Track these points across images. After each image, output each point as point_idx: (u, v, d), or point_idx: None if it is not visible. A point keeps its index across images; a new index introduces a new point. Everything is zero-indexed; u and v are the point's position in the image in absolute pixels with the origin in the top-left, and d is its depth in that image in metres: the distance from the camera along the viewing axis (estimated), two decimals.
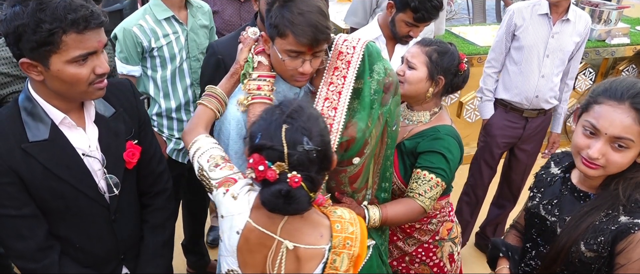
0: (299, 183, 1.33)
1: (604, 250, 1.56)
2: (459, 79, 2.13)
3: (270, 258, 1.50)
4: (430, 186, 2.00)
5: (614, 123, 1.50)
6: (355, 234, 1.53)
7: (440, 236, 2.28)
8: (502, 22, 3.38)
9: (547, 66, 3.25)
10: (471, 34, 5.01)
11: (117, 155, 1.74)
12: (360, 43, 1.87)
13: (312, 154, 1.35)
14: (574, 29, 3.22)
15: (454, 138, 2.06)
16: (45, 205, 1.64)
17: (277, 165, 1.33)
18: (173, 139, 2.90)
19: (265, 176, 1.33)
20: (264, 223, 1.50)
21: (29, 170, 1.57)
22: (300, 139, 1.35)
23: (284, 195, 1.33)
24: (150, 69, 2.75)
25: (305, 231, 1.50)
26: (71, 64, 1.48)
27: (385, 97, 1.86)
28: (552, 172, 1.83)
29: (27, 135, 1.57)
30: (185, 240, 3.42)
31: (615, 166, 1.55)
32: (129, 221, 1.86)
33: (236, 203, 1.53)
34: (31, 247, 1.63)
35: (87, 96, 1.60)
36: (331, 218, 1.54)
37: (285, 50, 1.73)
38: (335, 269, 1.50)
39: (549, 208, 1.75)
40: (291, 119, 1.38)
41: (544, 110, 3.38)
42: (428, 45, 2.11)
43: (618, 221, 1.55)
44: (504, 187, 3.75)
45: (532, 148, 3.52)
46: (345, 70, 1.84)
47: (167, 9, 2.67)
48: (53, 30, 1.41)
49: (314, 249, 1.49)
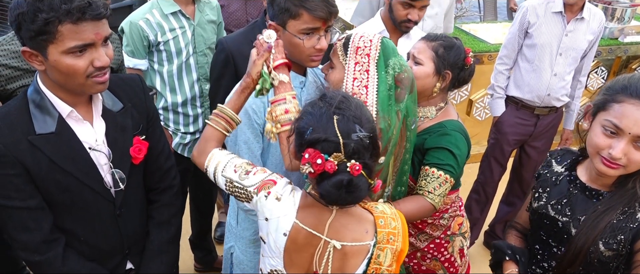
0: (360, 171, 1.32)
1: (624, 249, 1.54)
2: (465, 73, 2.12)
3: (317, 256, 1.49)
4: (438, 182, 1.99)
5: (638, 122, 1.46)
6: (397, 229, 1.53)
7: (451, 230, 2.27)
8: (515, 19, 3.34)
9: (559, 64, 3.21)
10: (482, 32, 4.98)
11: (123, 150, 1.73)
12: (376, 37, 1.89)
13: (365, 141, 1.35)
14: (588, 28, 3.18)
15: (461, 133, 2.04)
16: (50, 198, 1.64)
17: (334, 156, 1.32)
18: (179, 133, 2.91)
19: (323, 168, 1.32)
20: (311, 222, 1.48)
21: (35, 162, 1.57)
22: (353, 127, 1.35)
23: (346, 185, 1.32)
24: (156, 63, 2.76)
25: (351, 227, 1.49)
26: (67, 54, 1.47)
27: (401, 93, 1.86)
28: (556, 171, 1.78)
29: (34, 127, 1.57)
30: (192, 236, 3.42)
31: (637, 164, 1.51)
32: (135, 217, 1.86)
33: (281, 205, 1.50)
34: (36, 239, 1.63)
35: (86, 89, 1.58)
36: (374, 213, 1.54)
37: (301, 30, 1.77)
38: (379, 264, 1.50)
39: (559, 208, 1.71)
40: (340, 109, 1.38)
41: (556, 108, 3.35)
42: (434, 40, 2.10)
43: (637, 219, 1.53)
44: (514, 185, 3.72)
45: (543, 145, 3.49)
46: (367, 63, 1.84)
47: (173, 3, 2.67)
48: (49, 20, 1.41)
49: (360, 245, 1.49)
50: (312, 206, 1.49)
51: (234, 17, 3.20)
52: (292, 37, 1.79)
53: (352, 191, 1.33)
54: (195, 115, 2.89)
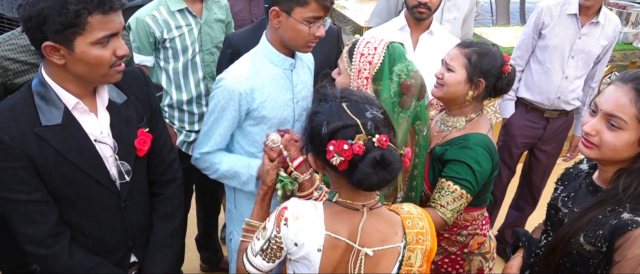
0: (388, 142, 1.33)
1: (602, 245, 1.53)
2: (502, 82, 2.02)
3: (351, 262, 1.46)
4: (453, 197, 1.92)
5: (609, 100, 1.51)
6: (425, 228, 1.53)
7: (469, 249, 2.19)
8: (529, 20, 3.31)
9: (571, 67, 3.18)
10: (493, 35, 4.95)
11: (128, 142, 1.74)
12: (382, 44, 1.86)
13: (379, 116, 1.36)
14: (602, 33, 3.15)
15: (484, 148, 1.95)
16: (56, 191, 1.64)
17: (358, 138, 1.33)
18: (183, 131, 2.90)
19: (352, 152, 1.31)
20: (344, 229, 1.45)
21: (41, 154, 1.57)
22: (364, 107, 1.37)
23: (380, 160, 1.31)
24: (162, 60, 2.76)
25: (383, 229, 1.48)
26: (95, 45, 1.51)
27: (407, 100, 1.83)
28: (580, 168, 1.81)
29: (40, 119, 1.57)
30: (198, 235, 3.42)
31: (608, 146, 1.53)
32: (139, 209, 1.86)
33: (301, 223, 1.45)
34: (42, 232, 1.63)
35: (106, 79, 1.61)
36: (401, 214, 1.53)
37: (306, 18, 1.87)
38: (410, 266, 1.49)
39: (566, 201, 1.73)
40: (345, 97, 1.40)
41: (566, 111, 3.31)
42: (468, 47, 2.02)
43: (620, 217, 1.51)
44: (523, 189, 3.68)
45: (553, 149, 3.45)
46: (367, 71, 1.84)
47: (180, 0, 2.68)
48: (79, 12, 1.44)
49: (391, 248, 1.48)
50: (341, 213, 1.46)
51: (238, 17, 3.20)
52: (297, 23, 1.88)
53: (388, 164, 1.32)
54: (200, 113, 2.89)
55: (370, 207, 1.46)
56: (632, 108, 1.48)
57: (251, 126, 2.02)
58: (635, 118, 1.48)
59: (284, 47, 1.99)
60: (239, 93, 1.93)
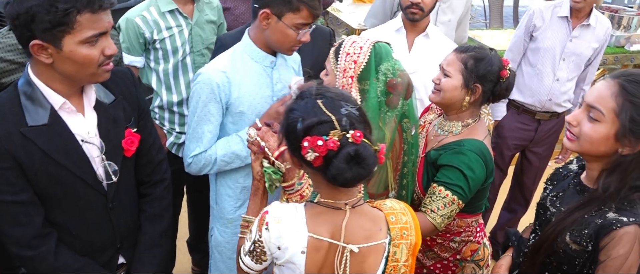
0: (362, 137, 1.33)
1: (587, 244, 1.53)
2: (501, 86, 2.01)
3: (337, 260, 1.45)
4: (444, 202, 1.91)
5: (593, 91, 1.53)
6: (409, 223, 1.53)
7: (461, 255, 2.18)
8: (521, 22, 3.33)
9: (562, 70, 3.19)
10: (486, 38, 4.96)
11: (115, 142, 1.72)
12: (367, 43, 1.86)
13: (355, 113, 1.37)
14: (593, 35, 3.16)
15: (478, 155, 1.93)
16: (42, 191, 1.63)
17: (332, 133, 1.33)
18: (174, 132, 2.89)
19: (327, 147, 1.32)
20: (326, 230, 1.44)
21: (27, 155, 1.56)
22: (339, 104, 1.38)
23: (354, 156, 1.31)
24: (153, 61, 2.75)
25: (367, 226, 1.47)
26: (83, 44, 1.50)
27: (393, 99, 1.83)
28: (570, 168, 1.81)
29: (26, 119, 1.56)
30: (190, 238, 3.40)
31: (586, 138, 1.54)
32: (127, 210, 1.85)
33: (282, 226, 1.44)
34: (28, 234, 1.61)
35: (94, 78, 1.61)
36: (384, 210, 1.53)
37: (296, 24, 1.92)
38: (396, 261, 1.50)
39: (554, 200, 1.73)
40: (320, 94, 1.41)
41: (557, 113, 3.32)
42: (464, 52, 2.01)
43: (605, 217, 1.51)
44: (515, 191, 3.69)
45: (544, 151, 3.46)
46: (352, 70, 1.84)
47: (171, 1, 2.67)
48: (68, 10, 1.43)
49: (376, 245, 1.48)
50: (322, 213, 1.46)
51: (240, 20, 3.19)
52: (286, 28, 1.93)
53: (362, 160, 1.32)
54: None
55: (353, 205, 1.45)
56: (611, 101, 1.48)
57: (231, 123, 2.03)
58: (613, 112, 1.48)
59: (266, 46, 2.02)
60: (216, 84, 1.95)
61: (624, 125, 1.47)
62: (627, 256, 1.45)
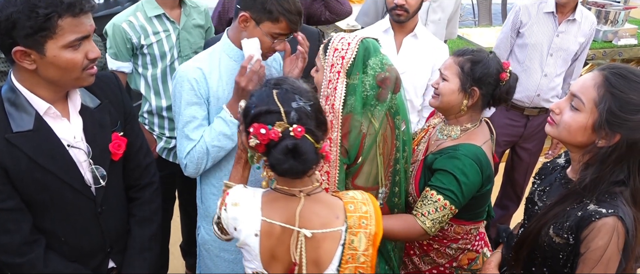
0: (303, 133, 1.37)
1: (569, 236, 1.53)
2: (500, 90, 1.98)
3: (292, 246, 1.50)
4: (435, 207, 1.89)
5: (578, 82, 1.55)
6: (369, 213, 1.55)
7: (458, 263, 2.16)
8: (507, 19, 3.35)
9: (550, 65, 3.21)
10: (476, 36, 4.98)
11: (102, 146, 1.72)
12: (355, 39, 1.87)
13: (306, 108, 1.41)
14: (579, 30, 3.18)
15: (474, 160, 1.90)
16: (29, 198, 1.62)
17: (278, 124, 1.38)
18: (164, 137, 2.87)
19: (268, 137, 1.36)
20: (280, 215, 1.49)
21: (13, 161, 1.55)
22: (292, 97, 1.42)
23: (292, 149, 1.36)
24: (141, 67, 2.74)
25: (321, 213, 1.52)
26: (67, 49, 1.50)
27: (382, 93, 1.84)
28: (557, 162, 1.82)
29: (10, 126, 1.55)
30: (183, 242, 3.39)
31: (565, 126, 1.55)
32: (116, 214, 1.84)
33: (241, 209, 1.51)
34: (16, 241, 1.61)
35: (79, 83, 1.60)
36: (344, 199, 1.57)
37: (273, 33, 1.94)
38: (355, 249, 1.52)
39: (541, 194, 1.74)
40: (278, 84, 1.46)
41: (545, 109, 3.33)
42: (462, 55, 2.00)
43: (586, 209, 1.52)
44: (507, 188, 3.71)
45: (534, 147, 3.48)
46: (339, 65, 1.85)
47: (157, 6, 2.66)
48: (49, 15, 1.43)
49: (331, 231, 1.51)
50: (278, 199, 1.51)
51: None
52: (262, 35, 1.96)
53: (299, 154, 1.36)
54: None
55: (308, 192, 1.50)
56: (593, 91, 1.49)
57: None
58: (593, 102, 1.49)
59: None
60: (193, 79, 1.97)
61: (601, 115, 1.48)
62: (605, 247, 1.45)
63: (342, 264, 1.52)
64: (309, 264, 1.51)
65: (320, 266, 1.53)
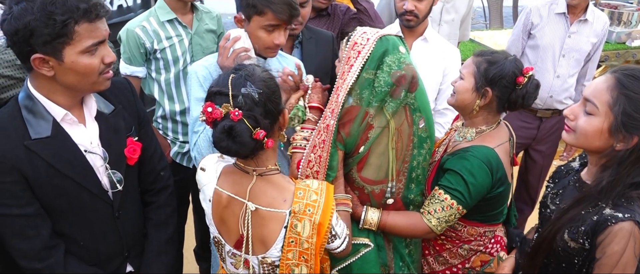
0: (239, 117, 1.47)
1: (584, 241, 1.51)
2: (516, 94, 1.94)
3: (241, 219, 1.64)
4: (442, 206, 1.89)
5: (591, 86, 1.54)
6: (318, 202, 1.62)
7: (470, 264, 2.14)
8: (518, 21, 3.33)
9: (562, 66, 3.19)
10: (487, 39, 4.97)
11: (118, 151, 1.74)
12: (375, 36, 1.88)
13: (253, 95, 1.50)
14: (592, 30, 3.16)
15: (483, 161, 1.88)
16: (48, 203, 1.64)
17: (224, 106, 1.48)
18: (177, 142, 2.89)
19: (213, 116, 1.48)
20: (231, 188, 1.64)
21: (32, 168, 1.57)
22: (244, 83, 1.52)
23: (228, 130, 1.46)
24: (154, 71, 2.77)
25: (270, 194, 1.63)
26: (84, 54, 1.52)
27: (396, 90, 1.84)
28: (571, 165, 1.80)
29: (29, 133, 1.57)
30: (196, 247, 3.40)
31: (581, 131, 1.54)
32: (132, 218, 1.87)
33: (205, 174, 1.70)
34: (36, 246, 1.63)
35: (96, 87, 1.63)
36: (297, 184, 1.66)
37: (263, 26, 2.00)
38: (298, 234, 1.61)
39: (554, 198, 1.73)
40: (237, 70, 1.57)
41: (559, 110, 3.31)
42: (480, 56, 1.99)
43: (601, 213, 1.49)
44: (521, 191, 3.68)
45: (548, 149, 3.45)
46: (355, 59, 1.87)
47: (170, 11, 2.69)
48: (66, 22, 1.45)
49: (274, 212, 1.62)
50: (234, 173, 1.66)
51: None
52: (255, 29, 2.03)
53: (234, 136, 1.46)
54: None
55: (260, 173, 1.63)
56: (606, 95, 1.48)
57: None
58: (607, 105, 1.48)
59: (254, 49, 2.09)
60: (202, 76, 2.06)
61: (616, 118, 1.46)
62: (622, 252, 1.44)
63: (284, 246, 1.62)
64: (255, 239, 1.64)
65: (266, 245, 1.64)
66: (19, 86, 2.10)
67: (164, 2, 2.70)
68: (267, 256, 1.65)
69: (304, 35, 2.57)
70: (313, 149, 1.87)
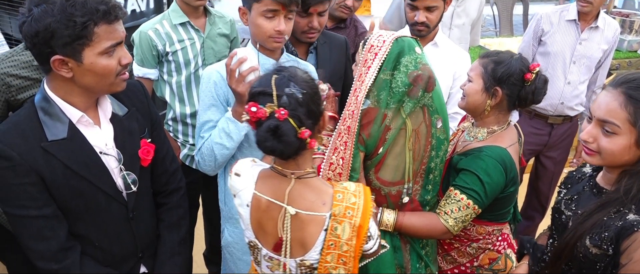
0: (285, 116, 1.46)
1: (608, 247, 1.50)
2: (526, 90, 1.98)
3: (280, 222, 1.61)
4: (458, 206, 1.91)
5: (601, 106, 1.52)
6: (357, 205, 1.61)
7: (479, 262, 2.15)
8: (529, 27, 3.34)
9: (573, 73, 3.18)
10: (496, 46, 4.97)
11: (132, 153, 1.76)
12: (391, 38, 1.90)
13: (297, 95, 1.50)
14: (602, 37, 3.16)
15: (498, 161, 1.91)
16: (64, 204, 1.65)
17: (268, 106, 1.48)
18: (187, 144, 2.91)
19: (257, 115, 1.47)
20: (270, 191, 1.62)
21: (49, 169, 1.59)
22: (287, 83, 1.52)
23: (273, 129, 1.45)
24: (166, 74, 2.80)
25: (309, 197, 1.61)
26: (102, 55, 1.54)
27: (413, 90, 1.86)
28: (584, 171, 1.80)
29: (45, 134, 1.59)
30: (206, 251, 3.40)
31: (607, 153, 1.53)
32: (146, 219, 1.88)
33: (241, 179, 1.66)
34: (53, 247, 1.64)
35: (113, 88, 1.65)
36: (335, 187, 1.64)
37: (262, 12, 1.98)
38: (337, 237, 1.59)
39: (569, 203, 1.72)
40: (279, 71, 1.57)
41: (570, 117, 3.31)
42: (486, 57, 2.03)
43: (625, 219, 1.49)
44: (532, 198, 3.66)
45: (559, 155, 3.44)
46: (372, 61, 1.89)
47: (183, 14, 2.72)
48: (86, 23, 1.47)
49: (315, 215, 1.60)
50: (271, 177, 1.64)
51: None
52: (256, 18, 2.00)
53: (279, 135, 1.45)
54: None
55: (299, 176, 1.60)
56: (623, 112, 1.47)
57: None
58: (627, 122, 1.48)
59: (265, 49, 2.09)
60: (213, 82, 2.04)
61: None
62: None
63: (324, 249, 1.60)
64: (294, 243, 1.62)
65: (305, 247, 1.63)
66: (36, 87, 2.13)
67: (177, 6, 2.73)
68: (306, 258, 1.64)
69: (318, 40, 2.59)
70: (334, 151, 1.88)
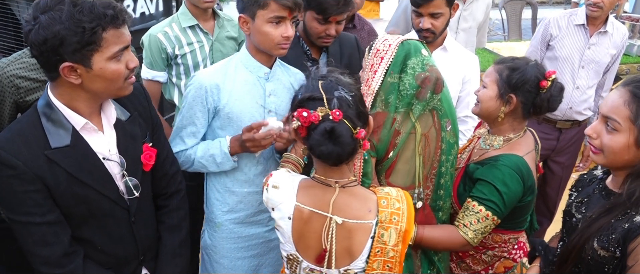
0: (340, 117, 1.45)
1: (615, 249, 1.50)
2: (541, 98, 1.94)
3: (324, 233, 1.59)
4: (477, 218, 1.88)
5: (607, 102, 1.53)
6: (402, 210, 1.60)
7: (494, 270, 2.14)
8: (537, 32, 3.32)
9: (582, 77, 3.17)
10: (505, 50, 4.95)
11: (134, 158, 1.76)
12: (396, 41, 1.91)
13: (347, 98, 1.51)
14: (611, 41, 3.15)
15: (515, 170, 1.89)
16: (68, 210, 1.65)
17: (320, 110, 1.48)
18: None
19: (310, 120, 1.45)
20: (313, 202, 1.60)
21: (53, 176, 1.58)
22: (335, 87, 1.53)
23: (329, 131, 1.45)
24: (175, 77, 2.80)
25: (354, 205, 1.59)
26: (111, 60, 1.54)
27: (422, 92, 1.86)
28: (594, 174, 1.79)
29: (49, 141, 1.59)
30: None
31: (609, 150, 1.53)
32: (147, 222, 1.88)
33: (280, 192, 1.63)
34: (57, 253, 1.64)
35: (120, 92, 1.64)
36: (378, 194, 1.62)
37: (268, 19, 1.93)
38: (384, 243, 1.58)
39: (579, 206, 1.71)
40: (324, 76, 1.59)
41: (578, 121, 3.29)
42: (501, 63, 2.00)
43: (632, 221, 1.49)
44: (539, 203, 3.63)
45: (567, 160, 3.42)
46: (378, 65, 1.90)
47: (192, 17, 2.73)
48: (95, 29, 1.47)
49: (362, 223, 1.58)
50: (314, 187, 1.62)
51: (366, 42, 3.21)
52: (262, 25, 1.94)
53: (336, 137, 1.44)
54: None
55: (343, 185, 1.59)
56: (625, 110, 1.48)
57: (219, 128, 2.08)
58: (628, 120, 1.48)
59: (260, 53, 2.05)
60: (205, 89, 2.00)
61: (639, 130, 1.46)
62: None
63: (370, 257, 1.59)
64: (341, 252, 1.59)
65: (352, 257, 1.60)
66: (43, 89, 2.14)
67: (186, 9, 2.74)
68: (351, 268, 1.62)
69: None
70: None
